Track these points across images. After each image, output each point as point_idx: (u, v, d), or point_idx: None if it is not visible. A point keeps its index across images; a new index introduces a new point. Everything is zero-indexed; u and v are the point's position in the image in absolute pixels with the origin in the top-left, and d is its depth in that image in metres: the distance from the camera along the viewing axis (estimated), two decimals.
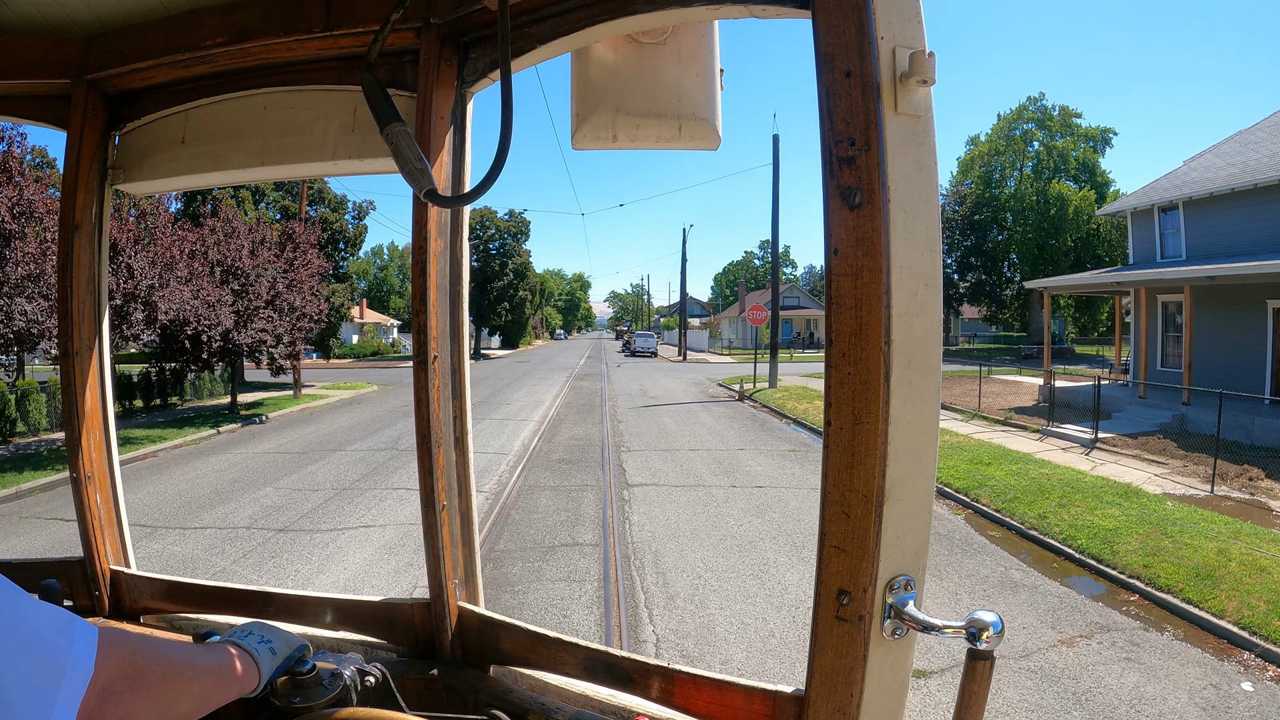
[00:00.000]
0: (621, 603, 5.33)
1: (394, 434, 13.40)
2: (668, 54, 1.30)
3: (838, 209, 0.82)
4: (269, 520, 7.55)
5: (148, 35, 1.39)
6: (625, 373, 31.35)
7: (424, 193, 1.10)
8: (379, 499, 8.42)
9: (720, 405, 18.88)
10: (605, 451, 11.40)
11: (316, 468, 10.39)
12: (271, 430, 14.59)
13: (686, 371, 33.26)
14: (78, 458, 1.47)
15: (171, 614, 1.53)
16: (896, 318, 0.81)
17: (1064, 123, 45.17)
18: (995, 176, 46.90)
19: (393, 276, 68.22)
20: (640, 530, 7.16)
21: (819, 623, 0.89)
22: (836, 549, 0.86)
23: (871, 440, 0.82)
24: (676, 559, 6.30)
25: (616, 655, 1.13)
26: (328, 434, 13.77)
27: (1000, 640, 0.79)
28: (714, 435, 13.55)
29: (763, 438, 13.39)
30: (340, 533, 7.09)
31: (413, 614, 1.31)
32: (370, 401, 19.82)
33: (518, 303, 54.67)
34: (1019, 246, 44.52)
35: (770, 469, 10.37)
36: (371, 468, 10.28)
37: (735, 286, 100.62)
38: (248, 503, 8.32)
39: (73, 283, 1.45)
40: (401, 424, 14.69)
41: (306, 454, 11.61)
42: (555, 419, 15.49)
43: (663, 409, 17.69)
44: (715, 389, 23.72)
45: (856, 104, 0.81)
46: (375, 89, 1.13)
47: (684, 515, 7.73)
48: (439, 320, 1.26)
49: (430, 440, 1.24)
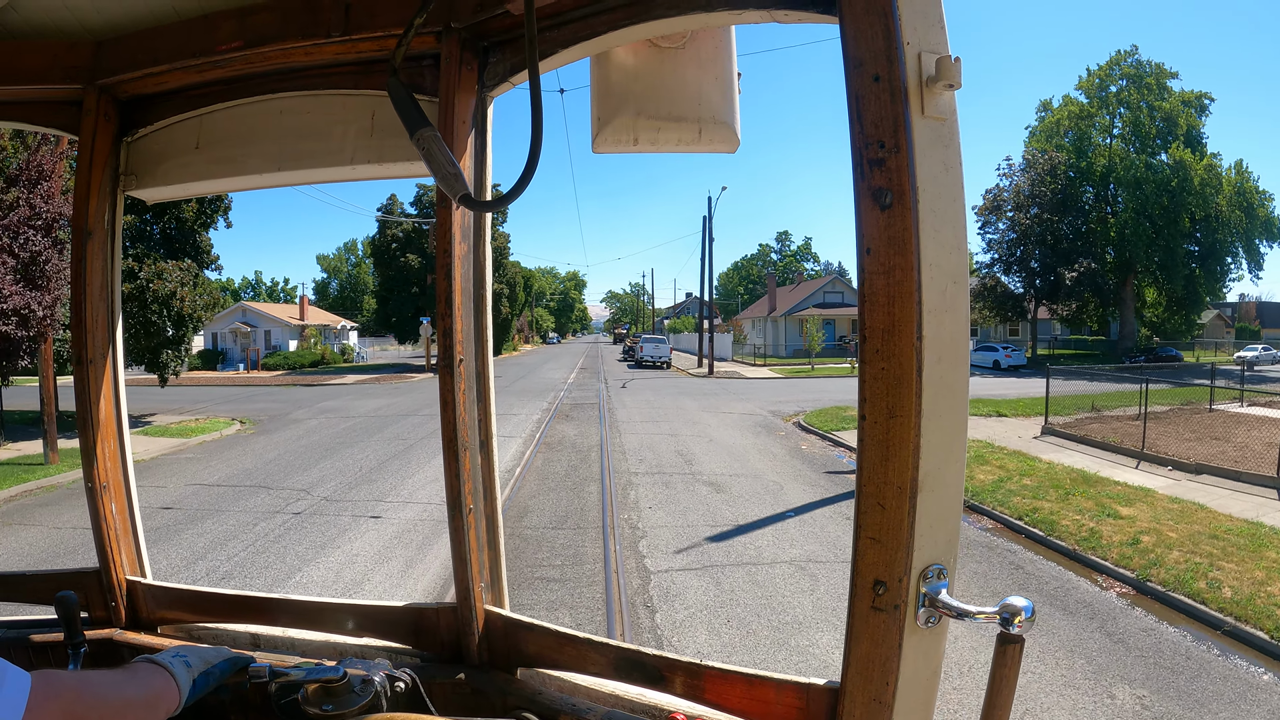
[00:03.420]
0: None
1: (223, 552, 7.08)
2: (687, 58, 1.41)
3: (869, 209, 0.92)
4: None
5: (160, 40, 1.49)
6: (635, 398, 22.06)
7: (459, 197, 1.18)
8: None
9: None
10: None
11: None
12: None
13: (724, 395, 23.61)
14: (93, 467, 1.58)
15: (189, 624, 1.63)
16: (928, 314, 0.90)
17: (1158, 84, 39.81)
18: (1086, 144, 41.15)
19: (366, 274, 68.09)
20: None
21: (855, 614, 0.97)
22: (873, 540, 0.94)
23: (905, 433, 0.91)
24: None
25: (645, 653, 1.22)
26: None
27: (1031, 625, 0.87)
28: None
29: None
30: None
31: (438, 619, 1.41)
32: (196, 464, 12.09)
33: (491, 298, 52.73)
34: (1131, 227, 38.24)
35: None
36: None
37: (747, 284, 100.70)
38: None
39: (86, 290, 1.56)
40: (260, 522, 8.20)
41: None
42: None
43: (766, 541, 7.49)
44: (810, 441, 14.00)
45: (885, 108, 0.90)
46: (402, 94, 1.21)
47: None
48: (464, 324, 1.36)
49: (457, 444, 1.34)
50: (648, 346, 42.10)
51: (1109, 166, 40.17)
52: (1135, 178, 38.38)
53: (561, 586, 6.20)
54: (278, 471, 11.26)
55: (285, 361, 42.61)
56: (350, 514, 8.61)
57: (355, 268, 67.93)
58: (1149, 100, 39.48)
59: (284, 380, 33.62)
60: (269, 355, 44.39)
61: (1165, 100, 39.38)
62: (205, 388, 29.70)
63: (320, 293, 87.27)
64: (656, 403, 21.03)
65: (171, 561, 6.97)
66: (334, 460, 12.09)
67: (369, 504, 9.10)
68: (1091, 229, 40.33)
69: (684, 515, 8.46)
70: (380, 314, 45.32)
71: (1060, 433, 13.83)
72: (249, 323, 48.19)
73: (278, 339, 48.44)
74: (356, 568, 6.79)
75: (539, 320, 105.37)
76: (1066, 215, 39.67)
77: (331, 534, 7.82)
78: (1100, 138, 41.66)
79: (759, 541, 7.52)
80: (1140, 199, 38.19)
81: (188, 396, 24.22)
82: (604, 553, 7.06)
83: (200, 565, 6.88)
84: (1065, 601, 6.08)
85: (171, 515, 8.70)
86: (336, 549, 7.31)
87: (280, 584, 6.36)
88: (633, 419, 17.12)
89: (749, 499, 9.30)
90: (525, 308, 75.94)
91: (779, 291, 56.73)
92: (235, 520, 8.46)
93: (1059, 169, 39.81)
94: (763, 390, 25.80)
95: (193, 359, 43.75)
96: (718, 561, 6.89)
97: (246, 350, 44.83)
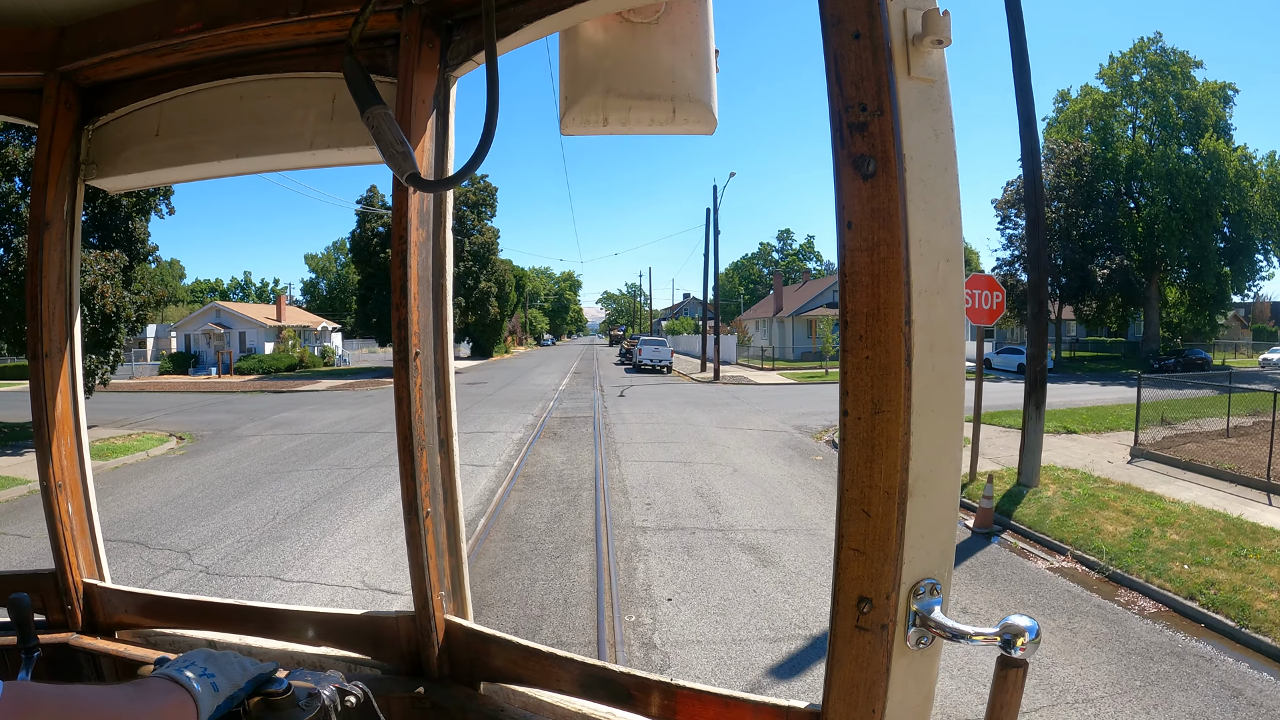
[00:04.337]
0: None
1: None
2: (660, 33, 1.39)
3: (850, 179, 0.86)
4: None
5: (121, 24, 1.48)
6: (635, 410, 20.21)
7: (405, 176, 1.16)
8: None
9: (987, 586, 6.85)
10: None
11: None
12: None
13: (736, 405, 21.75)
14: (48, 466, 1.56)
15: (147, 629, 1.62)
16: (917, 295, 0.84)
17: (1183, 73, 38.80)
18: (1109, 135, 40.14)
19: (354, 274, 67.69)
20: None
21: (837, 633, 0.91)
22: (856, 552, 0.87)
23: (893, 430, 0.84)
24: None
25: (614, 671, 1.19)
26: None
27: (1036, 647, 0.80)
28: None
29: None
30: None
31: (397, 628, 1.38)
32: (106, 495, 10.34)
33: (478, 297, 46.22)
34: (1162, 222, 37.09)
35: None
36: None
37: (748, 284, 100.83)
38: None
39: (43, 282, 1.55)
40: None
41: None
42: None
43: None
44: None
45: (867, 67, 0.84)
46: (356, 71, 1.21)
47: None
48: (420, 314, 1.33)
49: (413, 443, 1.30)
50: (647, 349, 39.94)
51: (1134, 158, 39.15)
52: (1168, 170, 37.09)
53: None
54: (172, 518, 9.28)
55: (260, 365, 40.89)
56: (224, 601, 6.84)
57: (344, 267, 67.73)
58: (1176, 89, 38.36)
59: (253, 386, 32.13)
60: (243, 358, 42.63)
61: (1193, 89, 38.41)
62: (164, 395, 28.37)
63: (310, 293, 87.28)
64: (661, 416, 18.72)
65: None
66: (249, 500, 9.94)
67: (257, 583, 6.80)
68: (1118, 224, 39.14)
69: (723, 615, 5.89)
70: (361, 314, 42.61)
71: (1156, 455, 11.97)
72: (223, 324, 46.74)
73: (253, 341, 46.81)
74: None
75: (533, 322, 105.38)
76: (1091, 209, 38.88)
77: None
78: (1123, 129, 40.74)
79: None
80: (1172, 192, 37.02)
81: (139, 405, 22.80)
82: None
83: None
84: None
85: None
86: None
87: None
88: (634, 438, 14.78)
89: (811, 577, 6.81)
90: (518, 308, 74.88)
91: (785, 290, 55.79)
92: None
93: (1084, 160, 39.02)
94: (778, 398, 23.81)
95: (164, 363, 42.77)
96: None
97: (219, 353, 43.18)
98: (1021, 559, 7.58)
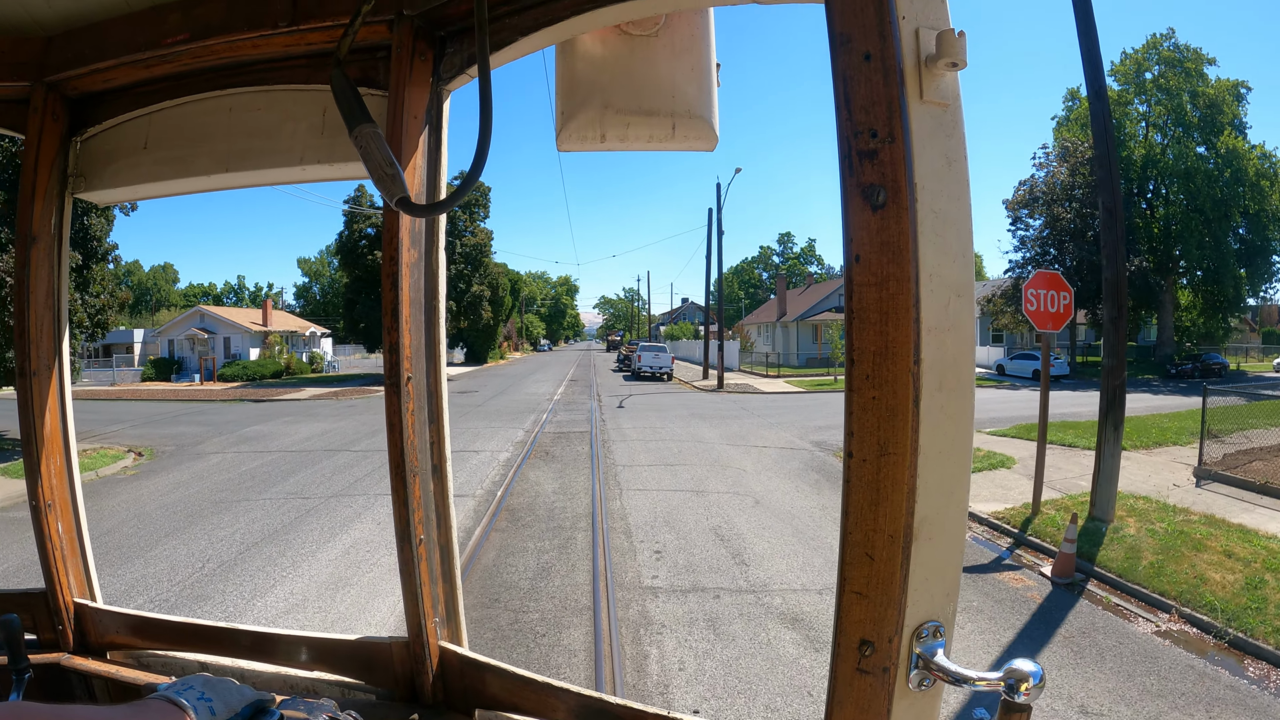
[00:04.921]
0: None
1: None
2: (660, 46, 1.37)
3: (859, 209, 0.83)
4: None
5: (109, 34, 1.48)
6: (636, 423, 19.00)
7: (395, 200, 1.15)
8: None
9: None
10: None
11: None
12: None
13: (745, 416, 20.65)
14: (37, 484, 1.56)
15: (139, 650, 1.61)
16: (926, 333, 0.82)
17: (1196, 70, 38.21)
18: (1122, 133, 38.92)
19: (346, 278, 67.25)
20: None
21: (838, 676, 0.90)
22: (859, 595, 0.87)
23: (899, 473, 0.83)
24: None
25: (611, 702, 1.19)
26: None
27: (1040, 692, 0.79)
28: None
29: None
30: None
31: (391, 654, 1.38)
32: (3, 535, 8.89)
33: (471, 301, 44.81)
34: (1180, 222, 36.64)
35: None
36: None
37: (748, 289, 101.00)
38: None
39: (30, 298, 1.55)
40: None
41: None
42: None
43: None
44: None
45: (878, 90, 0.82)
46: (344, 86, 1.18)
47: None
48: (412, 338, 1.32)
49: (405, 469, 1.30)
50: (646, 356, 38.53)
51: (1148, 157, 38.54)
52: (1186, 169, 36.38)
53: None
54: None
55: (244, 372, 39.95)
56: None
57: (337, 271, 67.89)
58: (1190, 86, 37.68)
59: (234, 394, 30.93)
60: (227, 365, 41.51)
61: (1207, 86, 37.77)
62: (139, 404, 27.27)
63: (304, 297, 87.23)
64: (665, 431, 17.28)
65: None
66: (181, 540, 8.57)
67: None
68: (1134, 224, 38.08)
69: (747, 658, 5.16)
70: (348, 319, 41.37)
71: (1224, 477, 10.75)
72: (207, 329, 45.78)
73: (238, 347, 45.71)
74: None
75: (529, 327, 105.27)
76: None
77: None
78: (1136, 126, 40.15)
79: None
80: (1190, 191, 36.29)
81: (109, 415, 21.80)
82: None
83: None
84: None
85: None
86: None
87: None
88: (636, 459, 13.35)
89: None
90: (513, 313, 74.08)
91: (788, 294, 54.97)
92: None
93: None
94: (790, 410, 22.24)
95: (147, 369, 42.01)
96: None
97: (203, 359, 42.10)
98: (1121, 620, 6.29)
